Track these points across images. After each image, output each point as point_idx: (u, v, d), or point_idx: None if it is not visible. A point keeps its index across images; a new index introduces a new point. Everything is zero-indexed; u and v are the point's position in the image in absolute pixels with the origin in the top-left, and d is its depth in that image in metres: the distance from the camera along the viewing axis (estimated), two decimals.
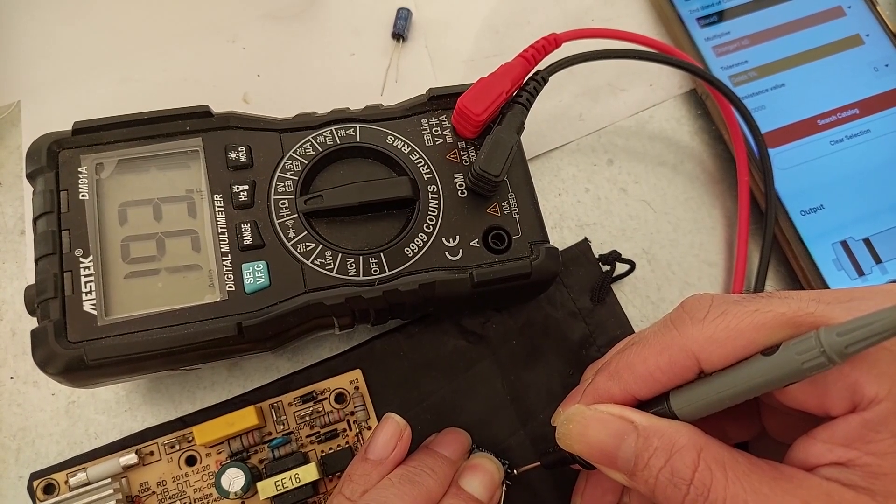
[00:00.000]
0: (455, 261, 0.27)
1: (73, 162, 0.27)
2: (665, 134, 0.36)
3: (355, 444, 0.29)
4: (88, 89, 0.35)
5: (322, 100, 0.31)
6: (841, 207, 0.33)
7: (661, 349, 0.22)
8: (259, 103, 0.35)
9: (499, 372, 0.30)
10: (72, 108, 0.35)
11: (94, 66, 0.36)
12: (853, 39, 0.37)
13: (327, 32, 0.37)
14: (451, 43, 0.37)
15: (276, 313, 0.25)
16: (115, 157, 0.27)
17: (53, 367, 0.24)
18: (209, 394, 0.30)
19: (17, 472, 0.29)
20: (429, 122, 0.30)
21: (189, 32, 0.36)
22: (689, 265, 0.34)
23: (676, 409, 0.22)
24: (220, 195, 0.27)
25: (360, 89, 0.36)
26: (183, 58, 0.36)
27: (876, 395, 0.19)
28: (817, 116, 0.35)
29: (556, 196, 0.35)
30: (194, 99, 0.29)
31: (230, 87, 0.35)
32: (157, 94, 0.35)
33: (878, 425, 0.19)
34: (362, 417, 0.29)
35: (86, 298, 0.25)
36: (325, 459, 0.28)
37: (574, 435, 0.23)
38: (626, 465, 0.22)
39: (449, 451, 0.27)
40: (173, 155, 0.28)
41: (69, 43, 0.36)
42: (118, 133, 0.27)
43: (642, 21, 0.38)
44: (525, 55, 0.30)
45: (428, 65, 0.37)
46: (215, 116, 0.28)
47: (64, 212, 0.26)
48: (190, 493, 0.28)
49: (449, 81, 0.33)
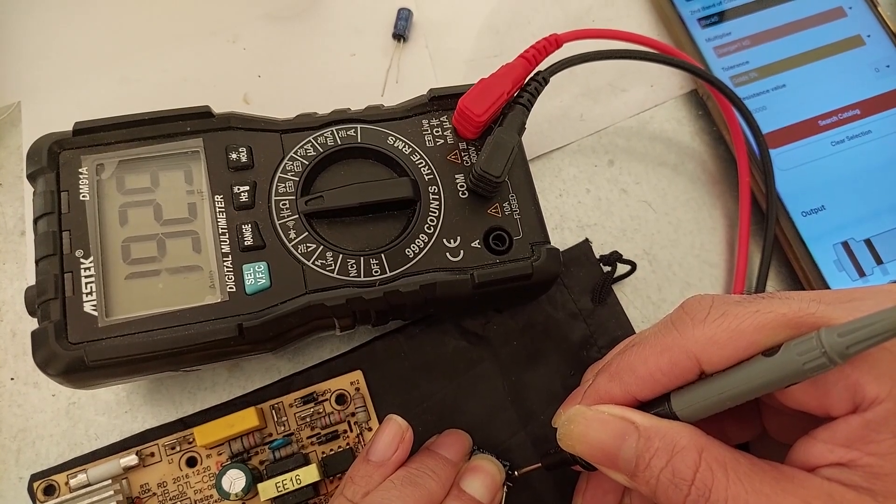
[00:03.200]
0: (456, 262, 0.27)
1: (73, 162, 0.27)
2: (666, 135, 0.36)
3: (356, 446, 0.29)
4: (89, 90, 0.35)
5: (323, 100, 0.30)
6: (842, 208, 0.33)
7: (661, 350, 0.22)
8: (260, 104, 0.35)
9: (499, 373, 0.30)
10: (72, 109, 0.34)
11: (95, 67, 0.36)
12: (854, 40, 0.37)
13: (328, 33, 0.37)
14: (452, 43, 0.37)
15: (277, 314, 0.25)
16: (116, 158, 0.27)
17: (54, 368, 0.24)
18: (210, 395, 0.30)
19: (17, 473, 0.29)
20: (430, 123, 0.29)
21: (189, 33, 0.36)
22: (689, 266, 0.34)
23: (677, 409, 0.22)
24: (220, 196, 0.27)
25: (361, 90, 0.36)
26: (183, 58, 0.36)
27: (877, 396, 0.19)
28: (818, 117, 0.35)
29: (556, 197, 0.35)
30: (195, 99, 0.29)
31: (231, 88, 0.35)
32: (158, 94, 0.35)
33: (879, 426, 0.19)
34: (363, 418, 0.29)
35: (86, 299, 0.25)
36: (326, 461, 0.28)
37: (575, 435, 0.23)
38: (628, 466, 0.21)
39: (450, 453, 0.27)
40: (174, 156, 0.28)
41: (69, 43, 0.36)
42: (119, 134, 0.27)
43: (643, 21, 0.38)
44: (526, 55, 0.30)
45: (429, 65, 0.36)
46: (216, 117, 0.28)
47: (64, 212, 0.26)
48: (190, 494, 0.28)
49: (450, 82, 0.32)
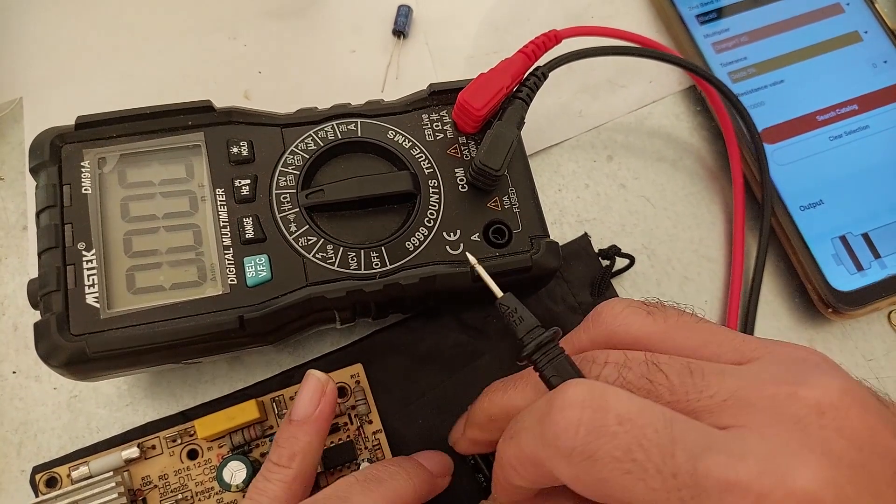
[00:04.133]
0: (456, 255, 0.27)
1: (75, 156, 0.27)
2: (664, 130, 0.36)
3: (356, 438, 0.29)
4: (90, 86, 0.35)
5: (323, 97, 0.31)
6: (840, 203, 0.33)
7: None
8: (260, 100, 0.35)
9: (499, 366, 0.30)
10: (73, 104, 0.34)
11: (96, 63, 0.36)
12: (852, 36, 0.37)
13: (328, 29, 0.37)
14: (452, 39, 0.37)
15: (278, 306, 0.25)
16: (118, 152, 0.27)
17: (56, 359, 0.24)
18: (210, 388, 0.30)
19: (19, 465, 0.29)
20: (429, 118, 0.30)
21: (190, 29, 0.37)
22: (688, 260, 0.34)
23: None
24: (222, 189, 0.27)
25: (361, 86, 0.36)
26: (184, 55, 0.36)
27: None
28: (816, 112, 0.35)
29: (556, 192, 0.35)
30: (196, 95, 0.29)
31: (231, 84, 0.35)
32: (159, 90, 0.35)
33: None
34: (364, 411, 0.29)
35: (88, 292, 0.25)
36: (327, 453, 0.28)
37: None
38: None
39: (430, 464, 0.26)
40: (175, 149, 0.28)
41: (71, 39, 0.36)
42: (120, 128, 0.27)
43: (641, 18, 0.38)
44: (525, 51, 0.30)
45: (428, 61, 0.37)
46: (217, 111, 0.28)
47: (67, 206, 0.26)
48: (191, 486, 0.28)
49: (449, 78, 0.33)
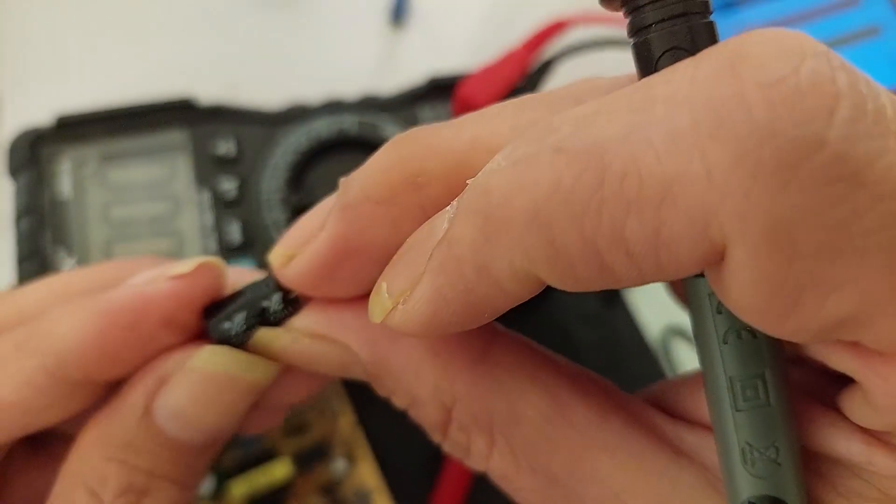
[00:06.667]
0: None
1: (55, 157, 0.26)
2: None
3: None
4: (72, 80, 0.34)
5: (315, 89, 0.29)
6: None
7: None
8: (249, 93, 0.34)
9: None
10: (55, 102, 0.34)
11: (78, 58, 0.35)
12: (869, 31, 0.35)
13: (321, 18, 0.36)
14: (451, 29, 0.36)
15: None
16: (99, 153, 0.26)
17: None
18: None
19: None
20: (428, 112, 0.28)
21: (177, 20, 0.36)
22: None
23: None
24: (207, 191, 0.26)
25: (356, 78, 0.35)
26: (171, 46, 0.35)
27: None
28: None
29: None
30: (182, 89, 0.28)
31: (219, 77, 0.34)
32: (143, 83, 0.34)
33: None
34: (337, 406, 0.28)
35: None
36: (298, 455, 0.27)
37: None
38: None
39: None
40: (159, 149, 0.27)
41: (51, 35, 0.35)
42: (102, 127, 0.27)
43: None
44: (530, 41, 0.29)
45: (426, 52, 0.36)
46: (203, 108, 0.27)
47: (46, 210, 0.25)
48: None
49: (449, 69, 0.31)
